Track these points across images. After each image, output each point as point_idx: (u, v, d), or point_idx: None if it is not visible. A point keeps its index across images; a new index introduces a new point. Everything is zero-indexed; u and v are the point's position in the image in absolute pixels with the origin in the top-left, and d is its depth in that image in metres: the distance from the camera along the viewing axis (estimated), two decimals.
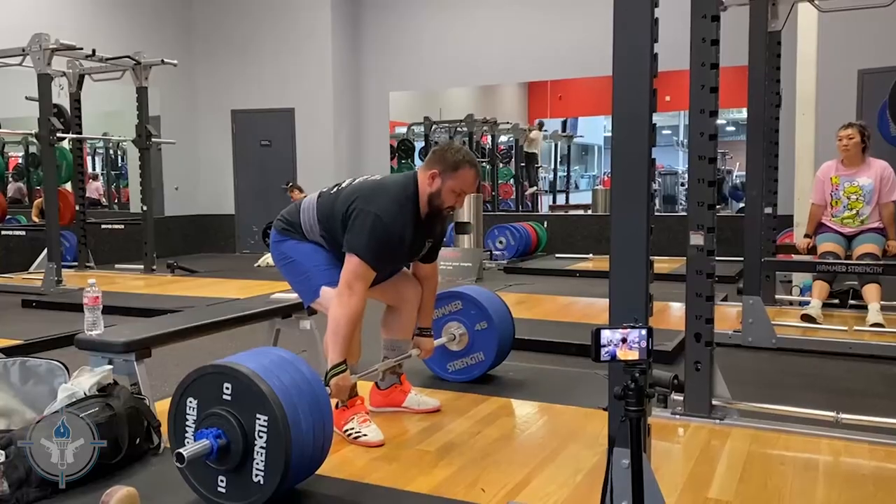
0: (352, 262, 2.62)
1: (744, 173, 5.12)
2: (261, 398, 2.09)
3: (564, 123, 12.51)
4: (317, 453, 2.24)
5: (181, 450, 2.07)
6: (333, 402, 2.59)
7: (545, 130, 11.96)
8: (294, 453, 2.09)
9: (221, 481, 2.17)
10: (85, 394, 2.51)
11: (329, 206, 2.77)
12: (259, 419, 2.10)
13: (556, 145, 12.40)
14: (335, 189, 2.82)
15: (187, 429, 2.21)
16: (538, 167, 11.70)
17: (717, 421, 2.84)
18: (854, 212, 4.84)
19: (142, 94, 7.62)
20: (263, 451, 2.10)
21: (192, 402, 2.21)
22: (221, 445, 2.12)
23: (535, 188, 11.43)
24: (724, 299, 5.38)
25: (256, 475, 2.12)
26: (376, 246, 2.61)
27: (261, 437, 2.10)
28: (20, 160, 10.00)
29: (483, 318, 3.42)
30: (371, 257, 2.61)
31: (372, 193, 2.69)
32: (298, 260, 2.84)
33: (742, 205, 7.30)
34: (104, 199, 10.96)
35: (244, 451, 2.11)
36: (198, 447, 2.09)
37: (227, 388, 2.15)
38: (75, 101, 7.90)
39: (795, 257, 5.21)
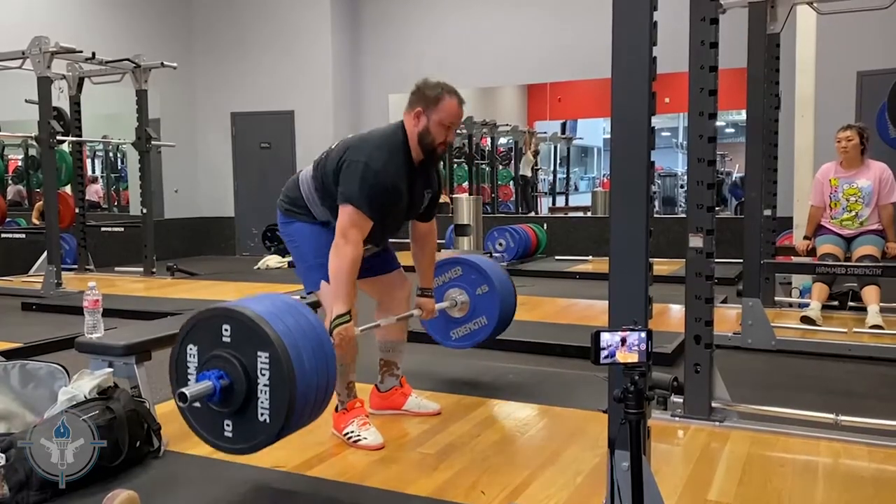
0: (345, 212, 2.58)
1: (743, 174, 5.12)
2: (261, 336, 2.05)
3: (564, 125, 12.53)
4: (321, 394, 2.18)
5: (184, 389, 2.03)
6: (337, 349, 2.50)
7: (548, 142, 11.99)
8: (298, 389, 2.04)
9: (227, 425, 2.13)
10: (85, 397, 2.51)
11: (322, 168, 2.74)
12: (260, 357, 2.05)
13: (555, 147, 12.41)
14: (325, 153, 2.80)
15: (189, 376, 2.17)
16: (537, 169, 11.70)
17: (717, 423, 2.84)
18: (853, 214, 4.85)
19: (141, 96, 7.62)
20: (267, 388, 2.05)
21: (192, 350, 2.16)
22: (224, 386, 2.07)
23: (531, 213, 11.36)
24: (724, 301, 5.37)
25: (262, 414, 2.07)
26: (369, 192, 2.57)
27: (263, 375, 2.06)
28: (20, 163, 10.00)
29: (484, 282, 3.39)
30: (364, 203, 2.57)
31: (360, 143, 2.67)
32: (303, 247, 2.81)
33: (738, 202, 7.31)
34: (104, 202, 10.96)
35: (248, 391, 2.07)
36: (200, 387, 2.05)
37: (227, 330, 2.10)
38: (75, 103, 7.90)
39: (795, 259, 5.21)
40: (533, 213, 11.10)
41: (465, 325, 3.46)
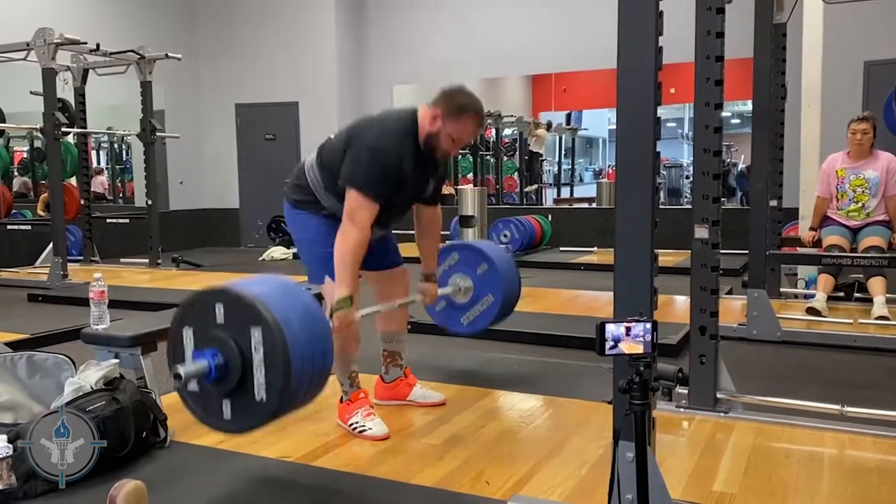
0: (350, 196, 2.55)
1: (748, 164, 5.10)
2: (252, 312, 2.02)
3: (569, 116, 12.49)
4: (317, 369, 2.14)
5: (178, 367, 2.02)
6: (336, 334, 2.49)
7: (553, 132, 11.95)
8: (293, 361, 2.01)
9: (226, 406, 2.10)
10: (91, 388, 2.52)
11: (328, 152, 2.72)
12: (253, 333, 2.03)
13: (560, 138, 12.38)
14: (327, 138, 2.79)
15: (186, 359, 2.12)
16: (542, 160, 11.67)
17: (722, 414, 2.84)
18: (860, 205, 4.82)
19: (146, 88, 7.62)
20: (262, 365, 2.03)
21: (187, 332, 2.13)
22: (219, 364, 2.04)
23: (536, 185, 11.37)
24: (729, 292, 5.37)
25: (258, 392, 2.04)
26: (376, 174, 2.54)
27: (257, 352, 2.03)
28: (25, 155, 10.03)
29: (482, 261, 3.37)
30: (370, 187, 2.54)
31: (367, 127, 2.64)
32: (309, 239, 2.80)
33: (743, 192, 7.28)
34: (109, 194, 10.99)
35: (243, 368, 2.04)
36: (195, 366, 2.04)
37: (219, 310, 2.08)
38: (80, 95, 7.91)
39: (800, 250, 5.19)
40: (538, 186, 11.06)
41: (474, 308, 3.42)
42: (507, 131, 11.52)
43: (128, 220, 8.52)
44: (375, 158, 2.54)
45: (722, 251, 2.87)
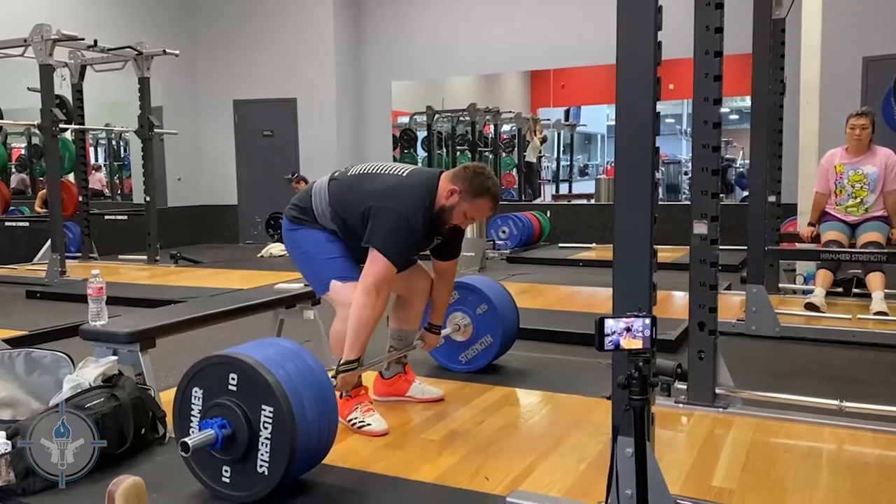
0: (379, 264, 2.59)
1: (748, 161, 5.10)
2: (266, 389, 2.10)
3: (567, 112, 12.47)
4: (322, 445, 2.25)
5: (186, 439, 2.08)
6: (337, 393, 2.60)
7: (551, 129, 11.93)
8: (299, 444, 2.09)
9: (226, 472, 2.18)
10: (90, 385, 2.52)
11: (343, 194, 2.74)
12: (264, 410, 2.10)
13: (558, 134, 12.36)
14: (348, 174, 2.80)
15: (192, 418, 2.22)
16: (540, 157, 11.65)
17: (721, 409, 2.85)
18: (858, 200, 4.83)
19: (144, 84, 7.61)
20: (268, 441, 2.11)
21: (197, 392, 2.21)
22: (226, 435, 2.12)
23: (539, 200, 11.31)
24: (728, 288, 5.37)
25: (261, 466, 2.12)
26: (403, 245, 2.64)
27: (266, 428, 2.11)
28: (23, 151, 10.00)
29: (482, 301, 3.44)
30: (399, 258, 2.63)
31: (395, 191, 2.66)
32: (309, 251, 2.81)
33: (746, 192, 7.31)
34: (107, 190, 10.97)
35: (249, 442, 2.12)
36: (203, 437, 2.10)
37: (233, 379, 2.15)
38: (77, 91, 7.90)
39: (799, 246, 5.20)
40: (540, 200, 11.04)
41: (472, 348, 3.50)
42: (506, 127, 11.50)
43: (126, 217, 8.51)
44: (404, 230, 2.61)
45: (721, 247, 2.87)
